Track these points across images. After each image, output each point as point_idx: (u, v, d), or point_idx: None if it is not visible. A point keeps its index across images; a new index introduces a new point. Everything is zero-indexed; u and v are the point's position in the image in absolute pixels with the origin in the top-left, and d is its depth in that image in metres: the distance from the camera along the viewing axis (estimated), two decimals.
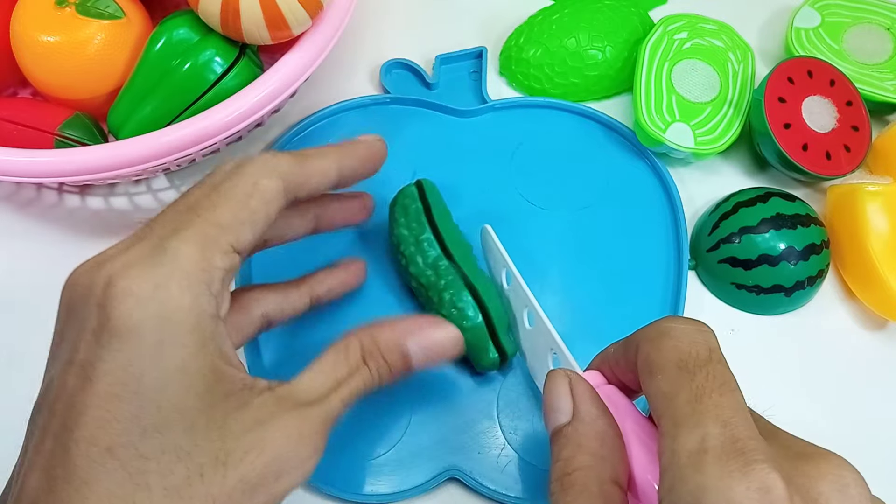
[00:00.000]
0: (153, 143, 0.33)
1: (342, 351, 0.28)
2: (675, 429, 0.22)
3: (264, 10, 0.33)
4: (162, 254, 0.24)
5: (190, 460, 0.23)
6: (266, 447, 0.24)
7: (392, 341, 0.28)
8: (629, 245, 0.39)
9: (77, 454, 0.22)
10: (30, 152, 0.33)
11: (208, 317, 0.24)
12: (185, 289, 0.23)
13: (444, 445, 0.34)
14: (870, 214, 0.37)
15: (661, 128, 0.39)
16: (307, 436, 0.25)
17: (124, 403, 0.22)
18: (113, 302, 0.22)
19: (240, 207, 0.25)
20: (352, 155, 0.30)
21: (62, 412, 0.22)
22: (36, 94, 0.41)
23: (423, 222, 0.34)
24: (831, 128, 0.39)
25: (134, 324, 0.22)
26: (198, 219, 0.25)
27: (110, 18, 0.36)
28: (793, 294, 0.37)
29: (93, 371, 0.22)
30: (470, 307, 0.33)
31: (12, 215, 0.40)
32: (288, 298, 0.32)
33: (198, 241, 0.24)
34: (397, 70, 0.43)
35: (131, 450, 0.22)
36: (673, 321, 0.25)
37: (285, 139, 0.41)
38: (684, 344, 0.23)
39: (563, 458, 0.24)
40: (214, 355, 0.24)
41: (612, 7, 0.43)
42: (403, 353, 0.29)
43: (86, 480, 0.21)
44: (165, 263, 0.23)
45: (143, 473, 0.22)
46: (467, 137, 0.41)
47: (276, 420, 0.25)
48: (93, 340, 0.23)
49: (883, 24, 0.43)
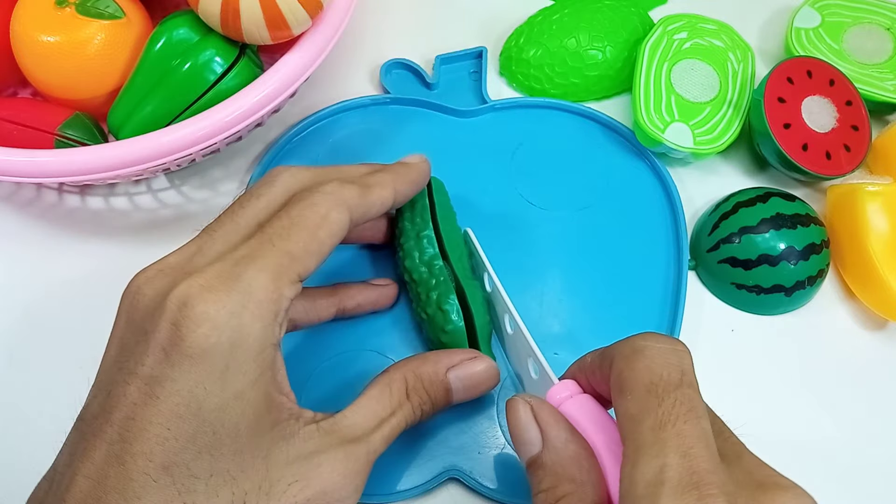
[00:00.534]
0: (153, 143, 0.33)
1: (386, 387, 0.29)
2: (635, 455, 0.22)
3: (264, 10, 0.33)
4: (238, 280, 0.24)
5: (235, 485, 0.23)
6: (312, 482, 0.25)
7: (435, 375, 0.30)
8: (629, 245, 0.39)
9: (133, 468, 0.22)
10: (30, 152, 0.33)
11: (270, 345, 0.25)
12: (256, 318, 0.24)
13: (444, 445, 0.34)
14: (870, 214, 0.37)
15: (660, 128, 0.39)
16: (352, 474, 0.26)
17: (185, 423, 0.23)
18: (190, 324, 0.23)
19: (310, 239, 0.26)
20: (405, 181, 0.32)
21: (120, 423, 0.23)
22: (36, 94, 0.41)
23: (426, 219, 0.34)
24: (831, 127, 0.39)
25: (207, 348, 0.23)
26: (273, 248, 0.25)
27: (110, 18, 0.36)
28: (793, 294, 0.37)
29: (161, 389, 0.23)
30: (454, 311, 0.33)
31: (12, 215, 0.40)
32: (316, 306, 0.33)
33: (272, 270, 0.25)
34: (397, 70, 0.43)
35: (184, 469, 0.23)
36: (648, 339, 0.25)
37: (285, 139, 0.41)
38: (657, 365, 0.23)
39: (545, 490, 0.25)
40: (270, 384, 0.25)
41: (612, 7, 0.43)
42: (446, 387, 0.30)
43: (138, 495, 0.22)
44: (241, 291, 0.24)
45: (192, 493, 0.23)
46: (467, 138, 0.41)
47: (322, 455, 0.25)
48: (163, 358, 0.23)
49: (883, 24, 0.43)
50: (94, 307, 0.32)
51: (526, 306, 0.37)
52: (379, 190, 0.30)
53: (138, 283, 0.26)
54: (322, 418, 0.26)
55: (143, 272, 0.26)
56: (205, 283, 0.24)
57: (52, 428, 0.27)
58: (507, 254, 0.38)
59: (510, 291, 0.32)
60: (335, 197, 0.27)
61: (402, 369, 0.29)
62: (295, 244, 0.26)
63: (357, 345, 0.36)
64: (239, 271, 0.25)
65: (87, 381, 0.27)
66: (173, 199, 0.40)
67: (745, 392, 0.36)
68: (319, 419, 0.26)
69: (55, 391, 0.35)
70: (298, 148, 0.41)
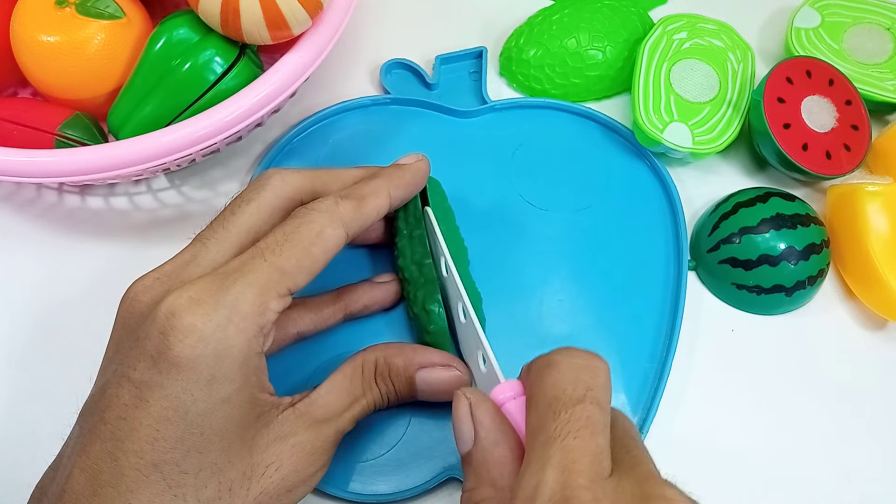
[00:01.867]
0: (153, 143, 0.33)
1: (359, 368, 0.30)
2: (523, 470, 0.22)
3: (264, 10, 0.33)
4: (226, 294, 0.25)
5: (223, 476, 0.25)
6: (285, 462, 0.27)
7: (404, 370, 0.31)
8: (629, 245, 0.39)
9: (126, 465, 0.24)
10: (30, 152, 0.33)
11: (255, 354, 0.26)
12: (241, 331, 0.25)
13: (444, 445, 0.33)
14: (870, 214, 0.37)
15: (659, 128, 0.39)
16: (318, 452, 0.28)
17: (173, 426, 0.24)
18: (176, 335, 0.24)
19: (304, 255, 0.27)
20: (400, 185, 0.32)
21: (113, 422, 0.24)
22: (36, 94, 0.41)
23: (419, 218, 0.34)
24: (831, 127, 0.39)
25: (193, 358, 0.24)
26: (264, 263, 0.26)
27: (110, 18, 0.36)
28: (793, 294, 0.37)
29: (150, 393, 0.24)
30: (437, 312, 0.32)
31: (12, 215, 0.40)
32: (322, 315, 0.34)
33: (260, 285, 0.26)
34: (397, 70, 0.43)
35: (174, 466, 0.24)
36: (563, 353, 0.25)
37: (285, 139, 0.41)
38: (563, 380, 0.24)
39: (468, 490, 0.25)
40: (254, 387, 0.26)
41: (612, 7, 0.43)
42: (412, 385, 0.31)
43: (130, 488, 0.24)
44: (228, 305, 0.25)
45: (181, 486, 0.24)
46: (467, 138, 0.41)
47: (294, 437, 0.27)
48: (152, 365, 0.25)
49: (883, 24, 0.43)
50: (94, 307, 0.32)
51: (526, 306, 0.37)
52: (374, 199, 0.30)
53: (135, 290, 0.27)
54: (298, 399, 0.28)
55: (140, 280, 0.27)
56: (194, 296, 0.25)
57: (52, 427, 0.27)
58: (506, 254, 0.38)
59: (510, 291, 0.32)
60: (330, 215, 0.28)
61: (376, 353, 0.31)
62: (287, 260, 0.27)
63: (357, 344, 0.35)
64: (228, 285, 0.26)
65: (89, 379, 0.27)
66: (173, 199, 0.40)
67: (745, 392, 0.36)
68: (296, 401, 0.28)
69: (55, 391, 0.35)
70: (298, 148, 0.41)
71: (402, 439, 0.34)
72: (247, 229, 0.28)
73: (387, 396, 0.31)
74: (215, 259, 0.27)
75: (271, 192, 0.29)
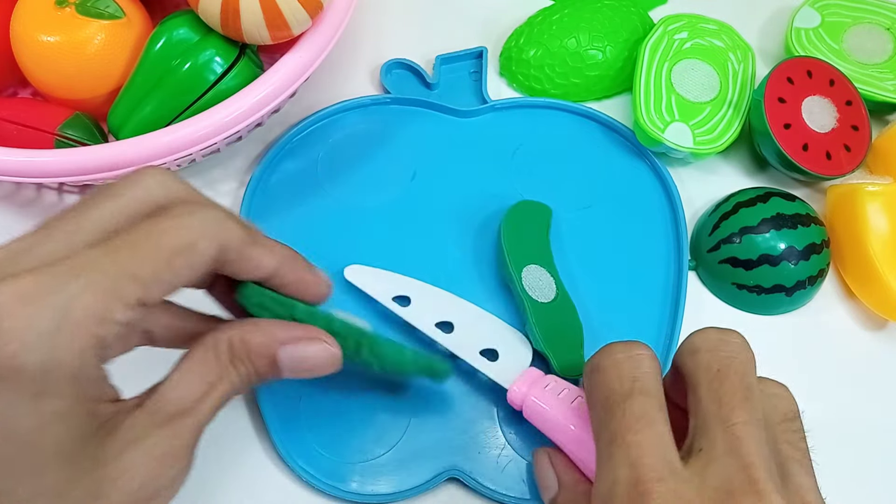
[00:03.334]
0: (153, 143, 0.33)
1: (211, 350, 0.26)
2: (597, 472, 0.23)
3: (264, 10, 0.33)
4: (57, 294, 0.21)
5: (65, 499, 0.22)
6: (139, 469, 0.23)
7: (263, 346, 0.26)
8: (629, 245, 0.39)
9: None
10: (30, 152, 0.33)
11: (91, 367, 0.22)
12: (72, 341, 0.21)
13: (444, 445, 0.34)
14: (870, 214, 0.37)
15: (660, 127, 0.39)
16: (177, 453, 0.24)
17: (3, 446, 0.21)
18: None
19: (164, 266, 0.23)
20: (294, 272, 0.27)
21: None
22: (36, 94, 0.41)
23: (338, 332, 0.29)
24: (831, 127, 0.39)
25: (15, 368, 0.20)
26: (113, 264, 0.22)
27: (110, 18, 0.36)
28: (794, 294, 0.37)
29: None
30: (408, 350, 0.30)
31: (12, 215, 0.40)
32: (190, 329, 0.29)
33: (103, 289, 0.22)
34: (397, 70, 0.43)
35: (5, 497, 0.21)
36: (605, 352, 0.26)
37: (285, 139, 0.41)
38: (609, 378, 0.25)
39: None
40: (92, 400, 0.23)
41: (612, 7, 0.43)
42: (273, 361, 0.26)
43: None
44: (58, 308, 0.21)
45: None
46: (467, 138, 0.41)
47: (145, 440, 0.23)
48: None
49: (883, 24, 0.43)
50: None
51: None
52: (264, 253, 0.26)
53: None
54: (146, 397, 0.24)
55: None
56: (19, 292, 0.21)
57: None
58: None
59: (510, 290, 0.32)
60: (212, 226, 0.24)
61: (228, 332, 0.26)
62: (142, 266, 0.22)
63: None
64: (61, 284, 0.21)
65: None
66: None
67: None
68: (143, 400, 0.24)
69: None
70: (298, 148, 0.41)
71: (402, 439, 0.34)
72: (102, 227, 0.23)
73: (247, 379, 0.26)
74: (54, 252, 0.22)
75: (143, 192, 0.24)
